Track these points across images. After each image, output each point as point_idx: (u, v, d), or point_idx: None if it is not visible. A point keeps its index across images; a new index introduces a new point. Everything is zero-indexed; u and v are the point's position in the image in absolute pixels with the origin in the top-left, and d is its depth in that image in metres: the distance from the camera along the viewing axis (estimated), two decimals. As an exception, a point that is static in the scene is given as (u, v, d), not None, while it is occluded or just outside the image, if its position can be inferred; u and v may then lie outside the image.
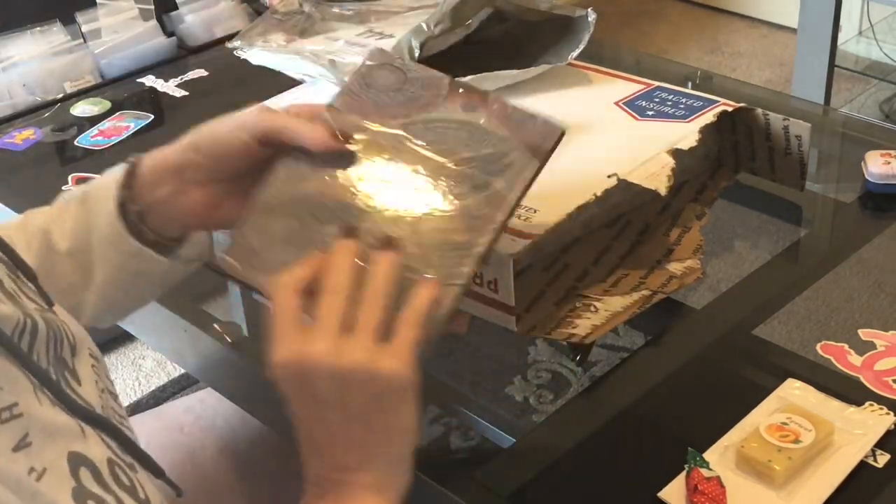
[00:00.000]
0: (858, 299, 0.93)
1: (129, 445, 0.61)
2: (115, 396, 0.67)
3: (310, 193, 0.74)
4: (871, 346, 0.86)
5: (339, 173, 0.74)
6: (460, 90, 0.76)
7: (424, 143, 0.74)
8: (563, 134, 0.74)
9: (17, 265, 0.67)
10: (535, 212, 0.84)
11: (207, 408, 1.03)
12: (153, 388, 1.98)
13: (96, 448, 0.57)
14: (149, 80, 1.41)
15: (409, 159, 0.74)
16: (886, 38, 2.93)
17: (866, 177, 1.05)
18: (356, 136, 0.75)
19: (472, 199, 0.73)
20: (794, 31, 2.75)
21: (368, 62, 0.78)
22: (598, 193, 0.85)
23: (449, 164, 0.74)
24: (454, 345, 0.70)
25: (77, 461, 0.55)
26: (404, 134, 0.75)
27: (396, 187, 0.73)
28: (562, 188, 0.86)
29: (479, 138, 0.74)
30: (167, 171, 0.77)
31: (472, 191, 0.73)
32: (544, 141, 0.74)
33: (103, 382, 0.65)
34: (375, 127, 0.75)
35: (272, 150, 0.75)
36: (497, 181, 0.73)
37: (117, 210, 0.76)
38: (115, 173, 0.78)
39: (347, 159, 0.74)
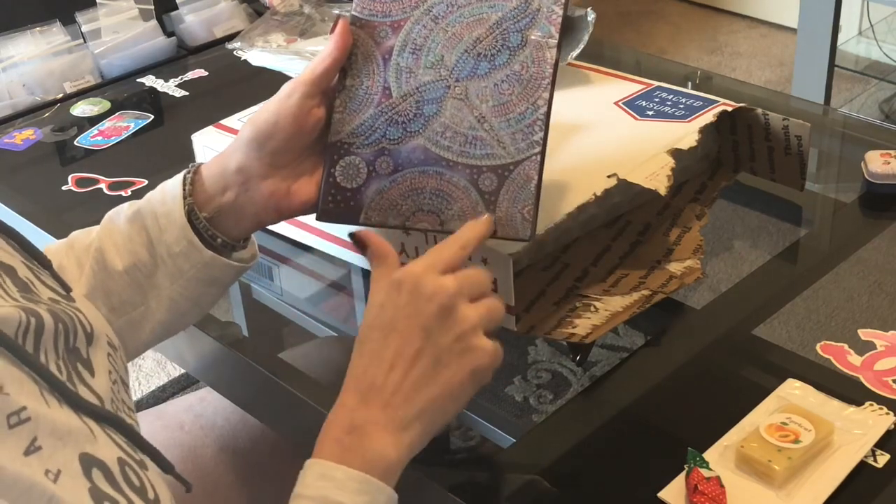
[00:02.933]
0: (858, 299, 0.93)
1: (137, 440, 0.61)
2: (126, 387, 0.67)
3: (370, 115, 0.77)
4: (871, 346, 0.86)
5: (393, 83, 0.77)
6: None
7: (453, 21, 0.76)
8: None
9: (32, 254, 0.67)
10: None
11: (208, 406, 1.03)
12: (153, 388, 1.98)
13: (107, 448, 0.57)
14: (149, 80, 1.41)
15: (447, 45, 0.76)
16: (886, 38, 2.93)
17: (866, 177, 1.05)
18: (389, 43, 0.77)
19: (517, 63, 0.75)
20: (793, 31, 2.75)
21: None
22: (598, 193, 0.85)
23: (483, 35, 0.76)
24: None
25: (89, 462, 0.55)
26: (431, 21, 0.77)
27: (446, 78, 0.77)
28: (561, 188, 0.86)
29: None
30: (228, 174, 0.78)
31: (512, 55, 0.76)
32: None
33: (117, 373, 0.65)
34: (406, 25, 0.77)
35: (324, 110, 0.77)
36: (532, 32, 0.75)
37: (187, 222, 0.77)
38: (171, 188, 0.78)
39: (378, 55, 0.77)
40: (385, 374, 0.66)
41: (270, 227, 1.04)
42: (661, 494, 0.72)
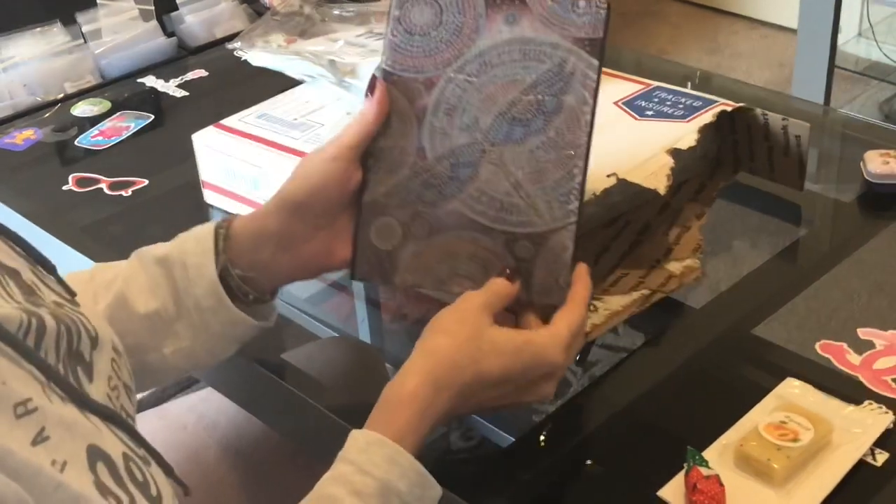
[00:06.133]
0: (858, 299, 0.93)
1: (139, 440, 0.61)
2: (130, 392, 0.67)
3: (405, 176, 0.76)
4: (870, 344, 0.86)
5: (427, 145, 0.76)
6: (496, 0, 0.75)
7: (487, 81, 0.75)
8: (609, 12, 0.74)
9: (37, 259, 0.67)
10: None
11: (210, 406, 1.04)
12: (154, 387, 1.98)
13: (112, 443, 0.57)
14: (149, 81, 1.41)
15: (481, 107, 0.75)
16: (886, 39, 2.93)
17: (865, 176, 1.05)
18: (423, 102, 0.76)
19: (552, 129, 0.75)
20: (793, 31, 2.75)
21: (398, 1, 0.76)
22: (598, 193, 0.85)
23: (517, 99, 0.75)
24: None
25: (95, 455, 0.55)
26: (465, 80, 0.75)
27: (481, 142, 0.76)
28: (561, 188, 0.86)
29: (533, 54, 0.75)
30: (267, 235, 0.76)
31: (547, 121, 0.75)
32: (594, 30, 0.74)
33: (118, 378, 0.65)
34: (439, 83, 0.76)
35: (361, 170, 0.76)
36: (567, 97, 0.74)
37: (219, 279, 0.76)
38: (204, 239, 0.77)
39: (417, 120, 0.76)
40: (468, 399, 0.70)
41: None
42: (661, 493, 0.72)
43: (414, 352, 0.70)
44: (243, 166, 1.04)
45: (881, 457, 0.74)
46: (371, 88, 0.76)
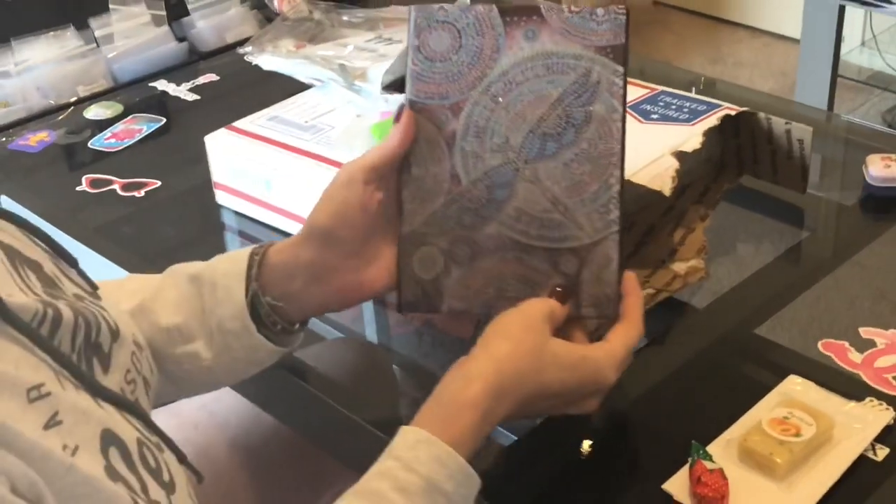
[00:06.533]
0: (859, 300, 0.94)
1: (153, 428, 0.62)
2: (148, 386, 0.68)
3: (442, 203, 0.76)
4: (872, 343, 0.87)
5: (460, 170, 0.76)
6: (514, 18, 0.75)
7: (513, 100, 0.75)
8: (628, 17, 0.74)
9: (59, 253, 0.68)
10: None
11: (221, 405, 1.04)
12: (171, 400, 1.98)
13: (125, 428, 0.58)
14: (161, 85, 1.43)
15: (511, 126, 0.75)
16: (889, 49, 2.95)
17: (867, 180, 1.06)
18: (451, 127, 0.76)
19: (584, 140, 0.74)
20: (796, 41, 2.77)
21: (415, 30, 0.76)
22: (604, 194, 0.87)
23: (546, 114, 0.75)
24: (458, 346, 0.72)
25: (108, 439, 0.56)
26: (491, 101, 0.75)
27: (514, 161, 0.76)
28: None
29: (557, 67, 0.74)
30: (300, 267, 0.76)
31: (578, 133, 0.74)
32: (615, 37, 0.74)
33: (138, 372, 0.66)
34: (466, 107, 0.75)
35: (383, 192, 0.76)
36: (595, 107, 0.74)
37: (247, 304, 0.76)
38: (238, 262, 0.77)
39: (445, 146, 0.76)
40: (524, 407, 0.70)
41: (267, 222, 1.06)
42: (666, 486, 0.73)
43: (477, 352, 0.69)
44: (255, 167, 1.05)
45: (882, 452, 0.76)
46: (398, 116, 0.76)
